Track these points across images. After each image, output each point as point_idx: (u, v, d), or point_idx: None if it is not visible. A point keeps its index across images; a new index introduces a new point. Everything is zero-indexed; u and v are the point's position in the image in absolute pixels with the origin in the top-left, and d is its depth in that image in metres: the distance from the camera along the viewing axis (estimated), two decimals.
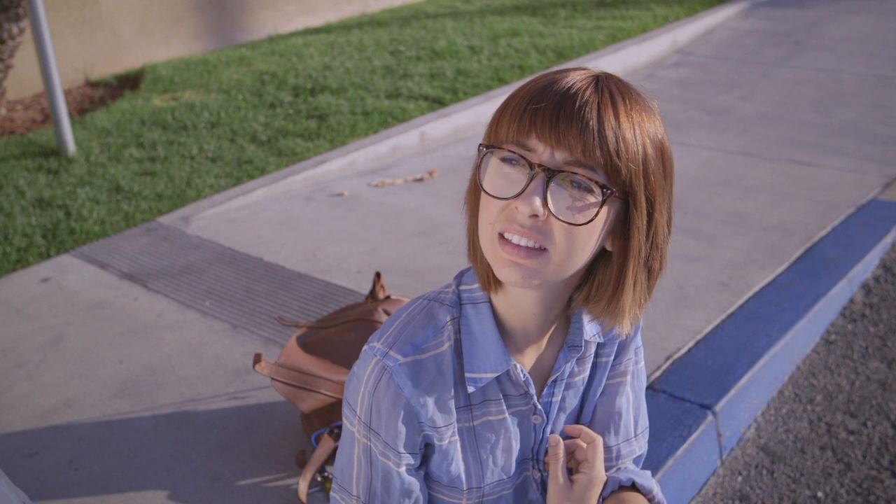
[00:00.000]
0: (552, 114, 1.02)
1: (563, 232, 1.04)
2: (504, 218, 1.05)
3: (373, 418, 1.16)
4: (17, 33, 4.65)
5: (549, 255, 1.05)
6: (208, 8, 6.37)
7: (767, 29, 6.87)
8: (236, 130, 4.56)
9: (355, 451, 1.20)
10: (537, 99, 1.04)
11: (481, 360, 1.18)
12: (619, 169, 1.02)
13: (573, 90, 1.03)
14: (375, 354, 1.16)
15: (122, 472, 2.10)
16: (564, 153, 1.02)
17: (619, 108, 1.03)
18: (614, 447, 1.36)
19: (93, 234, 3.43)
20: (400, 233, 3.35)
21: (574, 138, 1.01)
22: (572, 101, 1.02)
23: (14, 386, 2.47)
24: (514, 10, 7.38)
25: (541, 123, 1.02)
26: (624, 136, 1.02)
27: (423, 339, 1.17)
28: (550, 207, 1.03)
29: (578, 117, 1.01)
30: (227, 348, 2.61)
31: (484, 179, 1.07)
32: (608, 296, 1.13)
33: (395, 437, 1.16)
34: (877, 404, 2.52)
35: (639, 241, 1.08)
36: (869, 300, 3.05)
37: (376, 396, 1.15)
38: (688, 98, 5.16)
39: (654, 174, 1.06)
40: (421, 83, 5.24)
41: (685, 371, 2.45)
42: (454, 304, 1.21)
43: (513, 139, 1.05)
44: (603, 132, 1.01)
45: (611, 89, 1.05)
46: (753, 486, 2.23)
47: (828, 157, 4.11)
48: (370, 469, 1.20)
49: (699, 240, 3.27)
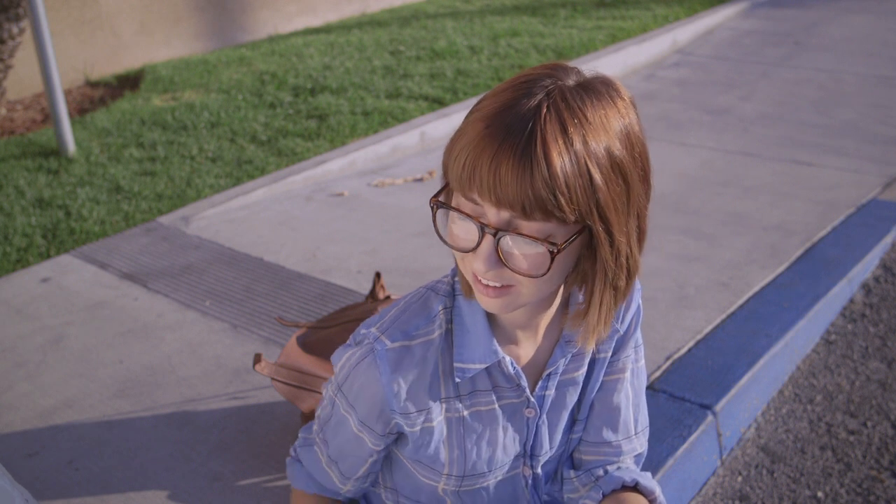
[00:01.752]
0: (490, 173, 0.99)
1: (524, 276, 1.05)
2: (472, 259, 1.08)
3: (345, 385, 1.25)
4: (17, 33, 4.65)
5: (519, 290, 1.08)
6: (208, 8, 6.37)
7: (767, 29, 6.87)
8: (236, 130, 4.56)
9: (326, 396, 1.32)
10: (477, 150, 1.00)
11: (470, 351, 1.20)
12: (565, 216, 1.00)
13: (513, 134, 0.98)
14: (369, 336, 1.22)
15: (122, 472, 2.10)
16: (507, 212, 1.01)
17: (571, 133, 0.98)
18: (614, 443, 1.36)
19: (93, 234, 3.43)
20: (400, 233, 3.35)
21: (513, 199, 0.98)
22: (509, 154, 0.97)
23: (14, 386, 2.47)
24: (514, 10, 7.38)
25: (479, 184, 1.00)
26: (567, 178, 0.97)
27: (414, 327, 1.21)
28: (505, 261, 1.04)
29: (515, 174, 0.97)
30: (227, 348, 2.61)
31: (440, 227, 1.10)
32: (582, 312, 1.16)
33: (358, 407, 1.25)
34: (877, 404, 2.52)
35: (604, 263, 1.08)
36: (869, 300, 3.05)
37: (356, 373, 1.22)
38: (688, 98, 5.16)
39: (605, 202, 1.01)
40: (421, 83, 5.24)
41: (685, 371, 2.45)
42: (448, 294, 1.23)
43: (461, 191, 1.04)
44: (548, 176, 0.96)
45: (560, 116, 0.99)
46: (753, 486, 2.23)
47: (828, 157, 4.11)
48: (332, 412, 1.32)
49: (699, 240, 3.27)
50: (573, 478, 1.38)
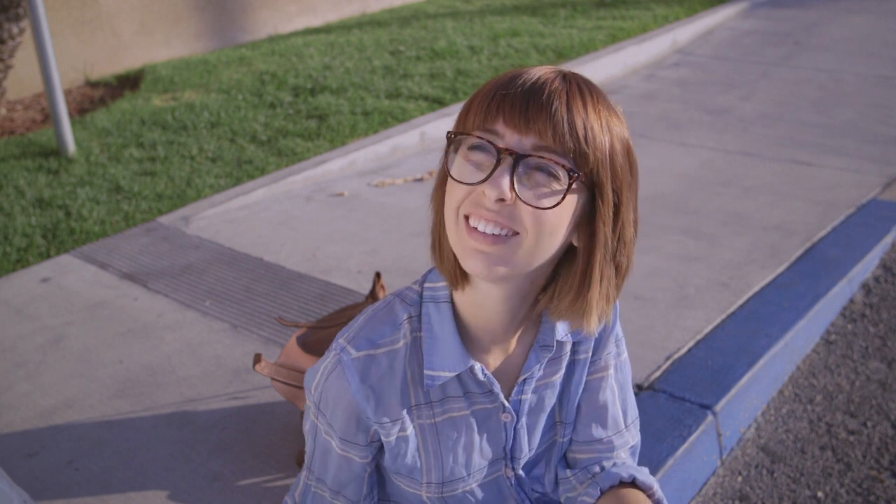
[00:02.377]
0: (521, 100, 1.03)
1: (530, 217, 1.04)
2: (471, 202, 1.06)
3: (321, 403, 1.23)
4: (17, 33, 4.65)
5: (516, 241, 1.05)
6: (208, 8, 6.37)
7: (767, 29, 6.87)
8: (236, 130, 4.56)
9: (307, 426, 1.29)
10: (505, 87, 1.05)
11: (440, 359, 1.20)
12: (586, 156, 1.03)
13: (541, 81, 1.05)
14: (337, 347, 1.20)
15: (122, 472, 2.10)
16: (533, 138, 1.03)
17: (586, 100, 1.05)
18: (605, 439, 1.36)
19: (93, 234, 3.43)
20: (400, 233, 3.35)
21: (543, 123, 1.02)
22: (541, 90, 1.04)
23: (14, 386, 2.47)
24: (514, 10, 7.38)
25: (509, 109, 1.03)
26: (592, 126, 1.04)
27: (379, 335, 1.20)
28: (517, 191, 1.03)
29: (548, 104, 1.03)
30: (227, 348, 2.61)
31: (451, 167, 1.08)
32: (574, 291, 1.13)
33: (336, 423, 1.22)
34: (877, 404, 2.52)
35: (605, 234, 1.08)
36: (869, 300, 3.05)
37: (327, 385, 1.21)
38: (688, 98, 5.16)
39: (620, 168, 1.07)
40: (421, 83, 5.24)
41: (685, 371, 2.45)
42: (414, 303, 1.22)
43: (480, 126, 1.06)
44: (572, 119, 1.03)
45: (578, 83, 1.07)
46: (753, 486, 2.23)
47: (828, 157, 4.11)
48: (314, 444, 1.28)
49: (699, 240, 3.27)
50: (570, 476, 1.38)
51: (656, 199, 3.66)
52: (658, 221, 3.44)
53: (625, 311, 2.76)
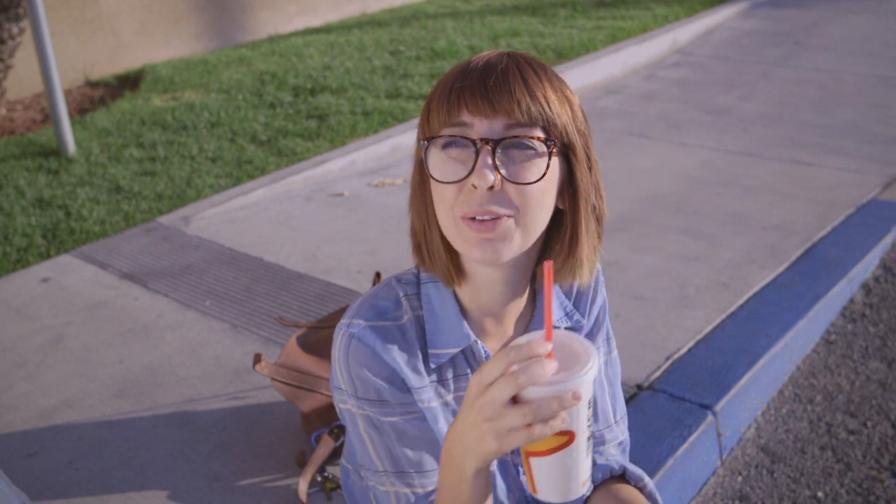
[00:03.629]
0: (480, 85, 1.07)
1: (520, 195, 1.07)
2: (462, 201, 1.08)
3: (357, 386, 1.17)
4: (17, 33, 4.65)
5: (515, 220, 1.08)
6: (208, 8, 6.37)
7: (767, 29, 6.87)
8: (236, 130, 4.56)
9: (361, 428, 1.20)
10: (460, 79, 1.09)
11: (444, 337, 1.20)
12: (555, 122, 1.08)
13: (491, 63, 1.09)
14: (341, 329, 1.19)
15: (122, 472, 2.10)
16: (502, 119, 1.06)
17: (538, 72, 1.10)
18: (596, 433, 1.37)
19: (93, 234, 3.43)
20: (400, 233, 3.35)
21: (508, 102, 1.06)
22: (493, 71, 1.07)
23: (14, 386, 2.47)
24: (514, 10, 7.38)
25: (470, 97, 1.07)
26: (550, 94, 1.08)
27: (384, 309, 1.20)
28: (503, 174, 1.06)
29: (505, 82, 1.06)
30: (227, 348, 2.61)
31: (432, 171, 1.10)
32: (565, 251, 1.17)
33: (385, 393, 1.17)
34: (877, 404, 2.52)
35: (585, 189, 1.14)
36: (869, 300, 3.05)
37: (350, 363, 1.16)
38: (688, 98, 5.16)
39: (584, 128, 1.13)
40: (421, 83, 5.24)
41: (685, 371, 2.45)
42: (410, 283, 1.25)
43: (446, 122, 1.08)
44: (532, 91, 1.07)
45: (523, 59, 1.11)
46: (753, 486, 2.23)
47: (828, 157, 4.11)
48: (380, 436, 1.19)
49: (699, 240, 3.27)
50: None
51: (656, 199, 3.66)
52: (658, 221, 3.44)
53: (625, 311, 2.76)
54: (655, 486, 1.38)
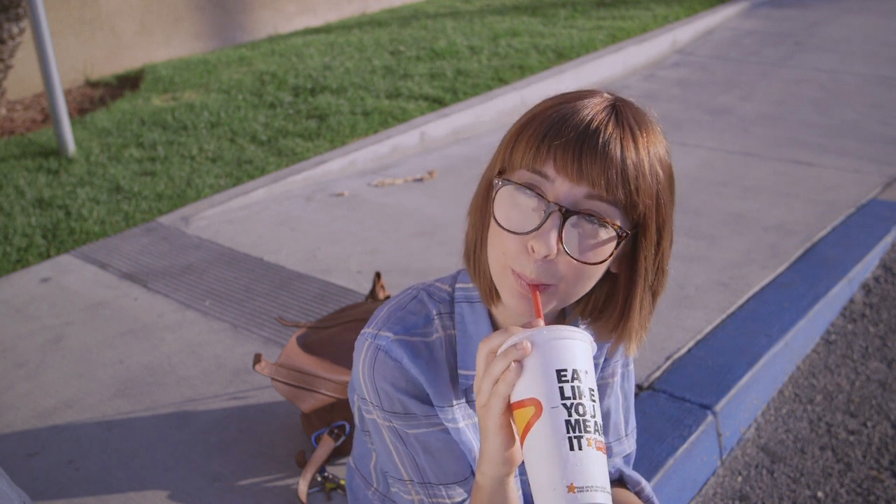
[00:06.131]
0: (574, 147, 1.01)
1: (573, 269, 1.04)
2: (515, 255, 1.05)
3: (382, 398, 1.17)
4: (17, 33, 4.65)
5: (557, 289, 1.06)
6: (208, 8, 6.37)
7: (767, 29, 6.87)
8: (236, 130, 4.56)
9: (386, 438, 1.20)
10: (557, 130, 1.03)
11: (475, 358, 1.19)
12: (636, 205, 1.03)
13: (594, 123, 1.02)
14: (367, 339, 1.18)
15: (122, 472, 2.10)
16: (585, 187, 1.01)
17: (637, 141, 1.03)
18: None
19: (93, 234, 3.43)
20: (400, 233, 3.35)
21: (598, 174, 1.00)
22: (595, 136, 1.01)
23: (14, 386, 2.47)
24: (514, 10, 7.38)
25: (561, 155, 1.01)
26: (643, 172, 1.03)
27: (413, 325, 1.18)
28: (564, 247, 1.02)
29: (603, 152, 1.00)
30: (227, 348, 2.61)
31: (497, 210, 1.06)
32: (615, 319, 1.14)
33: (411, 405, 1.16)
34: (877, 404, 2.52)
35: (646, 268, 1.09)
36: (869, 300, 3.05)
37: (376, 376, 1.16)
38: (688, 98, 5.16)
39: (664, 205, 1.07)
40: (421, 83, 5.24)
41: (685, 371, 2.45)
42: (444, 301, 1.22)
43: (529, 166, 1.04)
44: (626, 169, 1.01)
45: (629, 120, 1.04)
46: (753, 486, 2.23)
47: (828, 157, 4.11)
48: (405, 447, 1.20)
49: (699, 240, 3.27)
50: None
51: None
52: None
53: None
54: (656, 486, 1.39)
